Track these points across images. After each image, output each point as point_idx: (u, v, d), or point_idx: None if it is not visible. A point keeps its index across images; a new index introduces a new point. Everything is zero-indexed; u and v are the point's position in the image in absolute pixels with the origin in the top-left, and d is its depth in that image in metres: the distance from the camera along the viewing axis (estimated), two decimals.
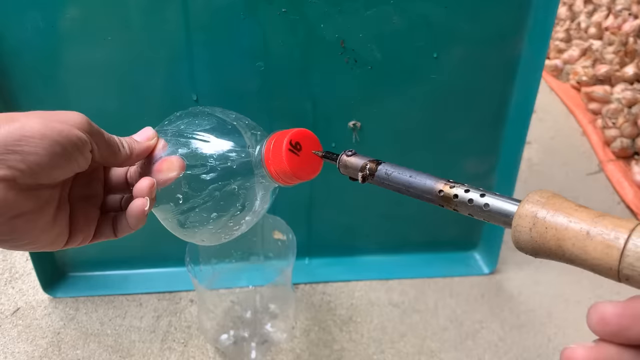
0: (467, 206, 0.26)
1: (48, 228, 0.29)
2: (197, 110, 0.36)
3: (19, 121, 0.25)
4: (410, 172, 0.29)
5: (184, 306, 0.65)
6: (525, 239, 0.22)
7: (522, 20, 0.54)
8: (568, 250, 0.20)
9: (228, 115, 0.36)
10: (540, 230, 0.21)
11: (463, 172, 0.65)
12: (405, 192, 0.29)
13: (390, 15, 0.52)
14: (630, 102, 1.00)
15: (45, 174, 0.26)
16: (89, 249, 0.67)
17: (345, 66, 0.54)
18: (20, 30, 0.49)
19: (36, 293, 0.67)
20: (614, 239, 0.19)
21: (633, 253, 0.18)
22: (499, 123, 0.61)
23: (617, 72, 1.10)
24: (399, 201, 0.65)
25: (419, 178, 0.29)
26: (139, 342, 0.61)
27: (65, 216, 0.30)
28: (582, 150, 0.98)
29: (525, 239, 0.22)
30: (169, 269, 0.69)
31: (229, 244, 0.64)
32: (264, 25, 0.51)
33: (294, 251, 0.57)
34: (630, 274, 0.18)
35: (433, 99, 0.58)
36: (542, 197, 0.22)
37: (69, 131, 0.27)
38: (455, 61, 0.55)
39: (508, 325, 0.64)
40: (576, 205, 0.21)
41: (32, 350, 0.59)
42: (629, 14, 1.28)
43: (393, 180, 0.30)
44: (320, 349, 0.60)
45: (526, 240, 0.22)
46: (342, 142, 0.60)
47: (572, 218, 0.20)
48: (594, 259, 0.19)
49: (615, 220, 0.19)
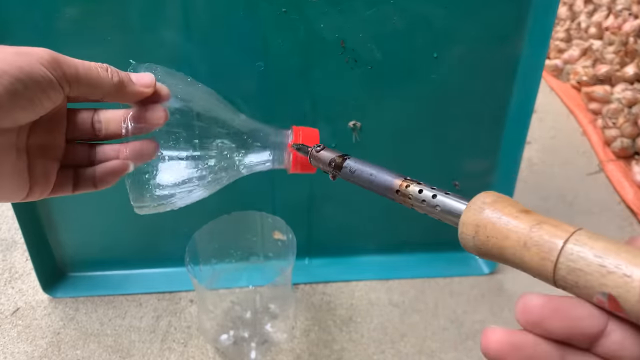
0: (420, 206, 0.26)
1: (7, 179, 0.27)
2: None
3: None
4: (373, 170, 0.29)
5: (184, 306, 0.65)
6: (470, 245, 0.22)
7: (522, 20, 0.54)
8: (509, 258, 0.21)
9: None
10: (483, 239, 0.21)
11: (463, 172, 0.65)
12: (370, 189, 0.29)
13: (390, 15, 0.52)
14: (630, 102, 1.00)
15: (4, 115, 0.24)
16: (88, 249, 0.67)
17: (346, 66, 0.54)
18: (20, 30, 0.49)
19: (36, 293, 0.67)
20: (547, 250, 0.19)
21: (565, 267, 0.18)
22: (499, 123, 0.61)
23: (617, 72, 1.10)
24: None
25: (379, 175, 0.28)
26: (138, 342, 0.61)
27: (24, 167, 0.28)
28: (583, 150, 0.98)
29: (470, 245, 0.22)
30: (168, 269, 0.69)
31: (228, 243, 0.64)
32: (264, 25, 0.51)
33: (294, 251, 0.57)
34: (564, 285, 0.19)
35: (433, 98, 0.58)
36: (484, 203, 0.22)
37: (31, 67, 0.24)
38: (455, 61, 0.55)
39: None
40: (518, 210, 0.21)
41: (31, 351, 0.59)
42: (629, 13, 1.28)
43: (356, 177, 0.30)
44: (320, 349, 0.60)
45: (471, 246, 0.22)
46: (342, 142, 0.59)
47: (511, 226, 0.20)
48: (532, 268, 0.20)
49: (552, 230, 0.19)
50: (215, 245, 0.62)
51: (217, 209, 0.60)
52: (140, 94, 0.30)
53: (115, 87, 0.29)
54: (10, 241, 0.75)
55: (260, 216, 0.61)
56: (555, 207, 0.83)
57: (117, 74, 0.29)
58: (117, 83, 0.29)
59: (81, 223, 0.64)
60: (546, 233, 0.19)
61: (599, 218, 0.81)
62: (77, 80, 0.27)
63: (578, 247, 0.18)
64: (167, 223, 0.65)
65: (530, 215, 0.21)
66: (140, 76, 0.31)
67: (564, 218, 0.20)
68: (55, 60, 0.26)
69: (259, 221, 0.62)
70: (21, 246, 0.74)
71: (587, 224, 0.84)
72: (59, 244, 0.66)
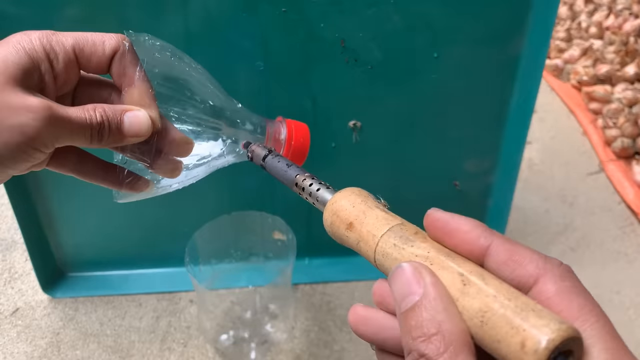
0: (308, 198, 0.29)
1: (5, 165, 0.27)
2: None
3: None
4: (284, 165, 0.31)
5: (184, 306, 0.65)
6: (328, 230, 0.27)
7: (522, 19, 0.54)
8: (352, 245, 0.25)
9: None
10: (334, 227, 0.26)
11: (463, 172, 0.64)
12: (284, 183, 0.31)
13: (390, 15, 0.51)
14: (631, 101, 0.99)
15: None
16: (88, 249, 0.67)
17: (346, 66, 0.54)
18: (19, 30, 0.49)
19: (35, 293, 0.67)
20: (376, 234, 0.24)
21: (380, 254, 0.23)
22: (500, 123, 0.61)
23: (617, 72, 1.10)
24: (399, 200, 0.65)
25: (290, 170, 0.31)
26: (138, 342, 0.61)
27: None
28: (583, 150, 0.98)
29: (328, 231, 0.27)
30: (168, 269, 0.69)
31: (228, 244, 0.64)
32: (264, 25, 0.51)
33: (293, 251, 0.57)
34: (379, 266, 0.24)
35: (433, 98, 0.58)
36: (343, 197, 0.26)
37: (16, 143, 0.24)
38: (455, 61, 0.55)
39: None
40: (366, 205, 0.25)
41: (31, 351, 0.59)
42: (629, 13, 1.28)
43: (273, 172, 0.32)
44: (320, 349, 0.60)
45: (328, 231, 0.27)
46: (342, 142, 0.59)
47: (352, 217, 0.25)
48: (364, 255, 0.24)
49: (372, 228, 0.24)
50: (215, 245, 0.62)
51: (217, 209, 0.60)
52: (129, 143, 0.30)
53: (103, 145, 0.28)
54: (9, 241, 0.75)
55: (260, 216, 0.61)
56: (556, 207, 0.83)
57: (108, 129, 0.28)
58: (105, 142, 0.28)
59: (81, 223, 0.64)
60: (373, 227, 0.24)
61: (600, 218, 0.81)
62: (65, 143, 0.27)
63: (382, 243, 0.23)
64: (167, 223, 0.65)
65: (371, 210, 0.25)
66: (134, 122, 0.29)
67: (564, 218, 0.20)
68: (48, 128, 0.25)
69: (259, 221, 0.61)
70: (21, 246, 0.74)
71: (587, 224, 0.84)
72: (58, 244, 0.65)
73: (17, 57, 0.26)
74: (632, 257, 0.74)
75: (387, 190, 0.31)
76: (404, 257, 0.22)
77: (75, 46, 0.28)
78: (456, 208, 0.25)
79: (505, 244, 0.21)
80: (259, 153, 0.34)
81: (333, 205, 0.26)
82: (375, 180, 0.63)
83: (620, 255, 0.75)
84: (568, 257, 0.74)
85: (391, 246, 0.23)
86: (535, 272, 0.20)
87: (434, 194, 0.65)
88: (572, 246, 0.76)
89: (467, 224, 0.22)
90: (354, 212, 0.25)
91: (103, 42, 0.29)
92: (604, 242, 0.77)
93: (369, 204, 0.25)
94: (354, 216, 0.25)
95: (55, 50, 0.27)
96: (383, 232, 0.23)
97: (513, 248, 0.21)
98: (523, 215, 0.80)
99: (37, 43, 0.27)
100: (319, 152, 0.55)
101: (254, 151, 0.34)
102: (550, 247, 0.75)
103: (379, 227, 0.24)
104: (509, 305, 0.18)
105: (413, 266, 0.21)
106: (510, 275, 0.21)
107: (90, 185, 0.33)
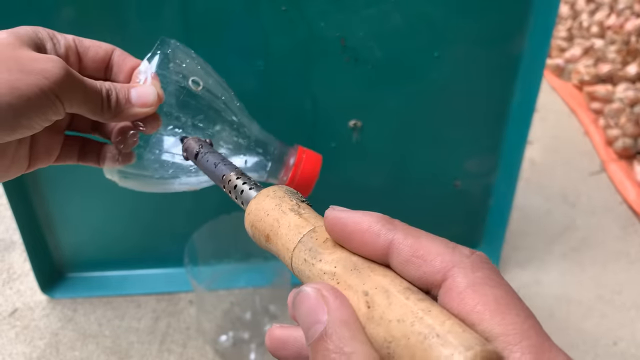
0: (231, 196, 0.27)
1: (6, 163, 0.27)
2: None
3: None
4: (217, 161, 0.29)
5: (183, 307, 0.65)
6: (248, 231, 0.25)
7: (523, 18, 0.53)
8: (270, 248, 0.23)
9: None
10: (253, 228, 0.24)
11: (464, 171, 0.64)
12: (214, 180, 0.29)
13: (390, 14, 0.51)
14: (632, 101, 0.99)
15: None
16: (87, 249, 0.67)
17: (346, 65, 0.54)
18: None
19: (34, 294, 0.66)
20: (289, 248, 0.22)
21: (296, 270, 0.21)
22: (501, 122, 0.61)
23: (619, 71, 1.09)
24: (399, 200, 0.65)
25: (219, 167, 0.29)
26: (137, 343, 0.60)
27: (25, 153, 0.29)
28: (584, 150, 0.98)
29: (248, 231, 0.25)
30: (167, 270, 0.68)
31: (228, 244, 0.64)
32: (264, 24, 0.51)
33: None
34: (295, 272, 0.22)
35: (434, 98, 0.58)
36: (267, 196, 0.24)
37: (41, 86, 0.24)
38: (456, 60, 0.55)
39: None
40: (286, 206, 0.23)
41: (30, 352, 0.59)
42: (631, 12, 1.27)
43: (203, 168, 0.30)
44: None
45: (248, 231, 0.25)
46: (342, 142, 0.59)
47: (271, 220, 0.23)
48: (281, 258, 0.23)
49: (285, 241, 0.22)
50: (214, 245, 0.62)
51: (216, 209, 0.60)
52: (136, 116, 0.30)
53: (112, 115, 0.29)
54: (8, 241, 0.75)
55: None
56: (557, 207, 0.82)
57: (117, 98, 0.29)
58: (113, 111, 0.29)
59: (80, 223, 0.64)
60: (285, 240, 0.22)
61: (601, 218, 0.81)
62: (78, 106, 0.27)
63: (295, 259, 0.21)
64: (166, 223, 0.64)
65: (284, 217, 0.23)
66: (141, 93, 0.30)
67: (566, 218, 0.20)
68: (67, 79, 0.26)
69: None
70: (19, 247, 0.74)
71: (589, 224, 0.84)
72: (57, 244, 0.65)
73: (26, 32, 0.27)
74: (634, 257, 0.74)
75: (388, 190, 0.30)
76: (314, 274, 0.20)
77: (75, 38, 0.30)
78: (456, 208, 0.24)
79: (407, 239, 0.19)
80: (192, 148, 0.31)
81: (249, 216, 0.24)
82: (375, 180, 0.63)
83: (622, 256, 0.74)
84: (569, 257, 0.74)
85: (302, 262, 0.21)
86: (442, 267, 0.18)
87: (434, 194, 0.65)
88: (573, 246, 0.75)
89: (365, 220, 0.20)
90: (269, 222, 0.23)
91: (100, 44, 0.31)
92: (606, 242, 0.76)
93: (283, 207, 0.23)
94: (269, 226, 0.23)
95: (57, 37, 0.29)
96: (295, 244, 0.21)
97: (416, 242, 0.19)
98: (524, 216, 0.80)
99: (40, 28, 0.28)
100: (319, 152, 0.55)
101: (188, 147, 0.31)
102: (552, 247, 0.75)
103: (291, 239, 0.22)
104: (413, 332, 0.16)
105: (316, 290, 0.19)
106: (417, 274, 0.19)
107: (89, 185, 0.33)
